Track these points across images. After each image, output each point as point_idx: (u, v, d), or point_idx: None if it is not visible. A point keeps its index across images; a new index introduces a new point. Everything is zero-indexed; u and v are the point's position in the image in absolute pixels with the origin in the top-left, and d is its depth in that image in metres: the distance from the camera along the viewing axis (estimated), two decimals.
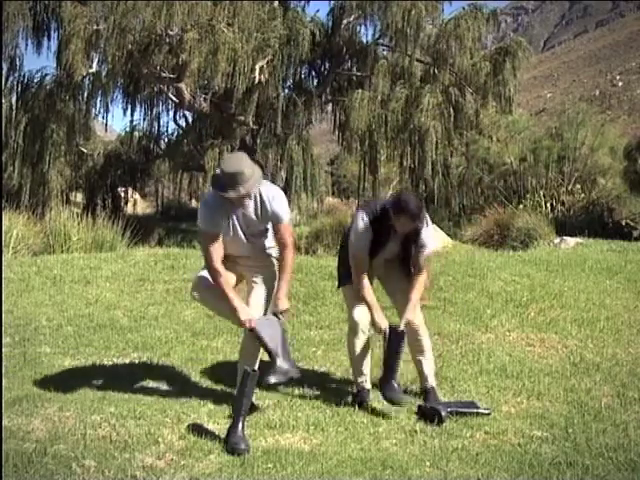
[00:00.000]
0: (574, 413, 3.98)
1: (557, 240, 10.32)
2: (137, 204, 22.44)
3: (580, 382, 4.46)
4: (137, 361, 4.66)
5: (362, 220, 3.94)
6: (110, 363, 4.61)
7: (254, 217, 3.77)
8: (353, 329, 4.04)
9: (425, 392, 4.12)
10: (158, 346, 4.94)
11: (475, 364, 4.72)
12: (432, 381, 4.15)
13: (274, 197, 3.76)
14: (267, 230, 3.88)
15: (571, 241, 10.07)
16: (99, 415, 3.58)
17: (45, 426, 3.42)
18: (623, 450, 3.49)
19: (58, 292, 6.35)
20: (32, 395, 3.80)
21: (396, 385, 3.96)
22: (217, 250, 3.73)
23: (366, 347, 4.08)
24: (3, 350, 4.50)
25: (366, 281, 4.00)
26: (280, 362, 3.63)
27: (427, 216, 3.99)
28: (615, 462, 3.36)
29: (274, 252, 3.95)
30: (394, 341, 3.91)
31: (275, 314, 3.78)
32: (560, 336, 5.36)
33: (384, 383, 3.98)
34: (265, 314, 3.82)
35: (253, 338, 3.69)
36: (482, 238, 11.69)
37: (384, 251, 4.03)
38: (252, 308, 3.80)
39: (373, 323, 4.01)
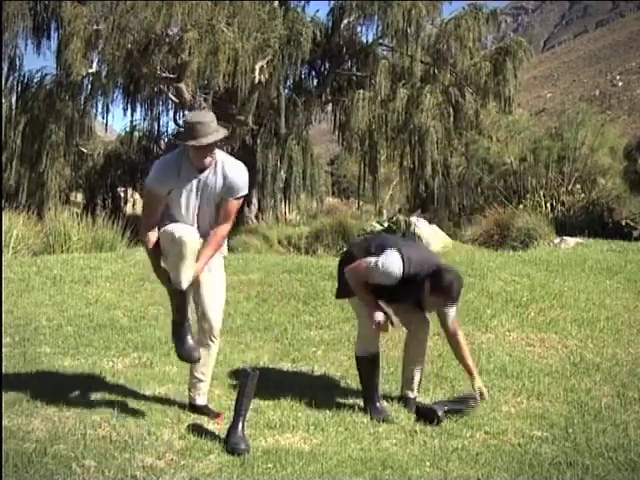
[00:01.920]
0: (574, 413, 3.99)
1: (557, 240, 10.32)
2: (137, 204, 22.45)
3: (580, 382, 4.46)
4: (137, 361, 4.65)
5: (398, 267, 3.71)
6: (110, 363, 4.61)
7: (211, 186, 3.53)
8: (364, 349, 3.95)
9: (405, 400, 4.05)
10: (158, 346, 4.94)
11: (475, 364, 4.72)
12: (416, 392, 4.09)
13: (236, 167, 3.57)
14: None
15: (571, 241, 10.06)
16: (99, 415, 3.58)
17: (45, 426, 3.42)
18: (623, 450, 3.49)
19: (58, 292, 6.35)
20: (32, 395, 3.79)
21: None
22: (156, 215, 3.54)
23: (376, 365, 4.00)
24: (3, 350, 4.50)
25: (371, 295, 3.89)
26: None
27: None
28: (615, 462, 3.36)
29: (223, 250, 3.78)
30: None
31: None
32: (560, 336, 5.36)
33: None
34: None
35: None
36: (482, 238, 11.70)
37: (399, 302, 3.94)
38: (211, 307, 3.66)
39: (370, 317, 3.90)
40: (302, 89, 18.62)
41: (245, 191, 3.62)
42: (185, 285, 3.52)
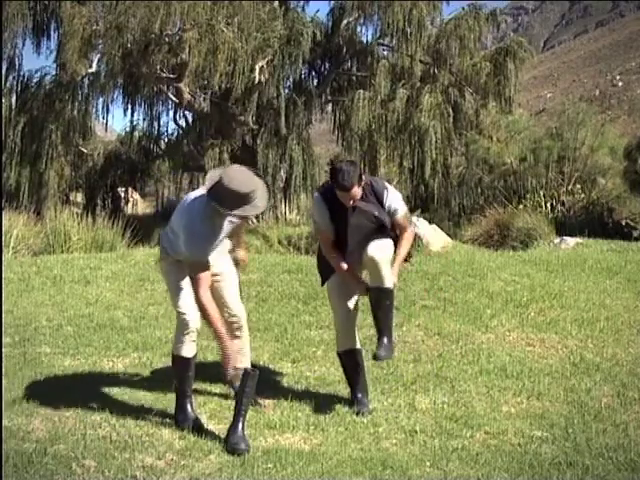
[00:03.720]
0: (574, 413, 3.98)
1: (557, 240, 10.30)
2: (137, 204, 22.43)
3: (580, 382, 4.46)
4: (137, 361, 4.66)
5: (316, 199, 3.95)
6: (110, 363, 4.61)
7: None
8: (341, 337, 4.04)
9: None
10: (158, 346, 4.94)
11: (475, 364, 4.72)
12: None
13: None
14: None
15: (571, 241, 10.05)
16: (99, 415, 3.58)
17: (45, 426, 3.42)
18: (623, 450, 3.49)
19: (58, 292, 6.35)
20: (32, 395, 3.80)
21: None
22: (208, 278, 3.52)
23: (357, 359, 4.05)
24: (3, 350, 4.50)
25: (336, 252, 3.92)
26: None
27: (383, 182, 3.93)
28: (615, 462, 3.36)
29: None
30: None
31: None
32: (560, 336, 5.36)
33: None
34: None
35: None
36: (482, 238, 11.67)
37: (351, 226, 3.86)
38: (234, 304, 3.87)
39: (354, 286, 3.94)
40: (302, 89, 18.61)
41: None
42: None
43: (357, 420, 3.78)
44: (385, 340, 3.87)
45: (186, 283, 3.59)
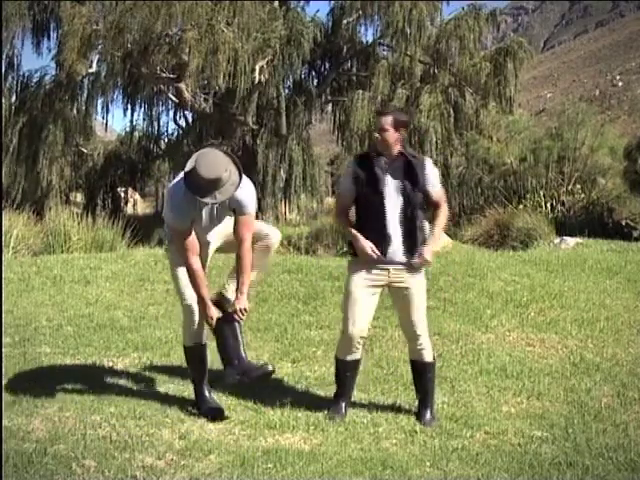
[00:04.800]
0: (574, 413, 3.99)
1: (557, 240, 10.31)
2: (137, 204, 22.41)
3: (580, 382, 4.46)
4: (137, 361, 4.66)
5: (348, 165, 3.97)
6: (110, 363, 4.61)
7: (224, 206, 3.66)
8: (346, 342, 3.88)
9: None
10: (158, 346, 4.94)
11: (475, 364, 4.72)
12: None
13: (241, 186, 3.61)
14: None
15: (571, 241, 10.06)
16: (99, 415, 3.58)
17: (45, 426, 3.42)
18: (623, 450, 3.49)
19: (58, 292, 6.35)
20: (32, 395, 3.80)
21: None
22: (193, 244, 3.61)
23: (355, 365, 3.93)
24: (3, 350, 4.50)
25: (350, 223, 3.91)
26: (230, 369, 3.66)
27: (422, 156, 4.04)
28: (615, 462, 3.36)
29: None
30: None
31: (231, 315, 3.66)
32: (560, 336, 5.37)
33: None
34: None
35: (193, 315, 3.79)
36: (482, 238, 11.68)
37: (385, 187, 3.92)
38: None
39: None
40: (302, 89, 18.60)
41: (252, 207, 3.70)
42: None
43: (357, 420, 3.78)
44: (428, 414, 3.86)
45: None
